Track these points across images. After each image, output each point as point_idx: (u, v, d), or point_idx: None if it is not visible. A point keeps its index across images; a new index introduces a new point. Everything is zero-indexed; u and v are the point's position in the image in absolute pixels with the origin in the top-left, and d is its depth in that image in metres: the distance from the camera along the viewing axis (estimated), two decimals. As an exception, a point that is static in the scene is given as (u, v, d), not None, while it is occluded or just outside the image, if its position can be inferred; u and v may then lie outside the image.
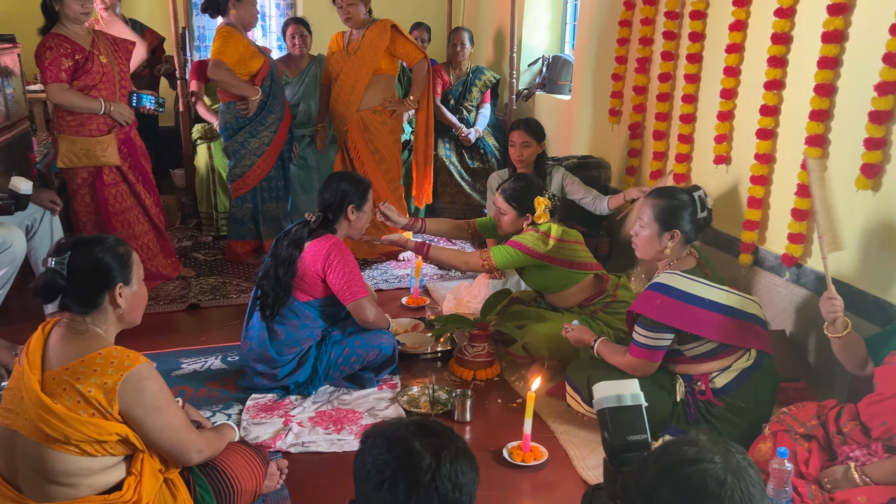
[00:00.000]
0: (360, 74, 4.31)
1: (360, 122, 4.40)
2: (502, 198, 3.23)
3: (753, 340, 2.52)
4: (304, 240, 2.94)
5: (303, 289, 2.94)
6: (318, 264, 2.89)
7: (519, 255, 3.13)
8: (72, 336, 1.82)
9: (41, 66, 3.47)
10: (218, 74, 4.01)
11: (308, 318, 2.97)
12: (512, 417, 2.86)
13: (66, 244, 1.84)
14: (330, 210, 2.98)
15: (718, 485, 1.06)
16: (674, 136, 3.83)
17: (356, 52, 4.29)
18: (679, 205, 2.58)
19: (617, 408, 1.35)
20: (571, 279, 3.20)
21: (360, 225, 3.07)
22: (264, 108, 4.20)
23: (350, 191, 2.98)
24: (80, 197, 3.72)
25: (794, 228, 3.02)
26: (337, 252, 2.90)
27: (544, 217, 3.17)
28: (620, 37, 4.25)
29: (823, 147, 2.90)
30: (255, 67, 4.12)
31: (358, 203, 3.01)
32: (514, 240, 3.16)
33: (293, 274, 2.90)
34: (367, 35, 4.27)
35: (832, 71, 2.83)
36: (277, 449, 2.59)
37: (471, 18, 6.56)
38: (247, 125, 4.20)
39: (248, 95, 4.10)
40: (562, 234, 3.15)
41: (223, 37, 4.02)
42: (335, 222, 3.00)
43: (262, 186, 4.35)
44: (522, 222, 3.21)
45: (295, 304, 2.95)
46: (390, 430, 1.20)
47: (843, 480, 2.10)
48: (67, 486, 1.78)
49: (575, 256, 3.17)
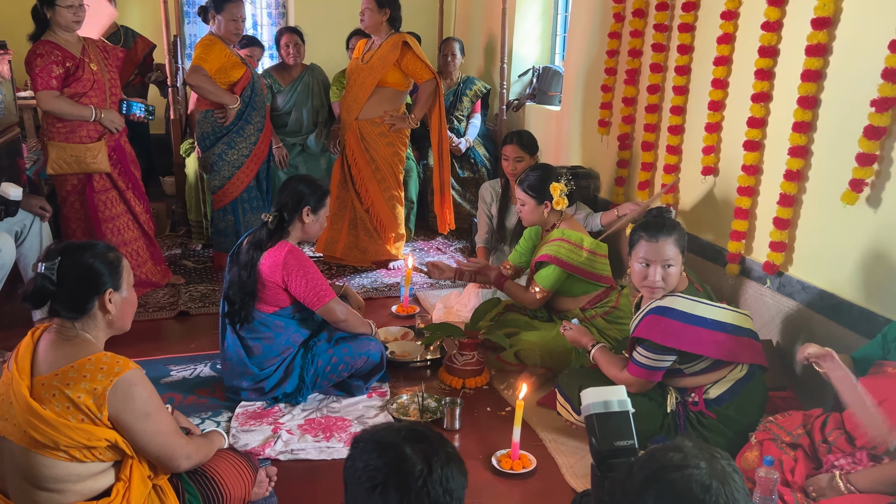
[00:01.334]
0: (364, 84, 4.33)
1: (357, 131, 4.41)
2: (520, 188, 3.31)
3: (751, 355, 2.53)
4: (264, 241, 2.92)
5: (266, 300, 2.91)
6: (277, 275, 2.86)
7: (559, 271, 3.16)
8: (61, 342, 1.82)
9: (32, 74, 3.47)
10: (196, 80, 4.00)
11: (280, 328, 2.95)
12: (501, 426, 2.87)
13: (56, 250, 1.84)
14: (286, 210, 2.95)
15: (703, 490, 1.07)
16: (662, 147, 3.87)
17: (368, 62, 4.31)
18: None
19: (604, 414, 1.36)
20: (588, 289, 3.24)
21: (314, 229, 3.03)
22: (242, 117, 4.16)
23: (307, 193, 2.96)
24: (69, 203, 3.71)
25: (776, 237, 3.05)
26: (293, 259, 2.87)
27: (562, 203, 3.26)
28: (610, 48, 4.29)
29: (806, 159, 2.94)
30: (235, 77, 4.09)
31: (314, 206, 2.97)
32: (548, 254, 3.18)
33: (255, 277, 2.89)
34: (383, 47, 4.30)
35: (815, 84, 2.87)
36: (266, 456, 2.59)
37: (462, 29, 6.60)
38: (224, 136, 4.16)
39: (226, 104, 4.08)
40: (595, 248, 3.19)
41: (205, 45, 4.03)
42: (290, 223, 2.96)
43: (243, 198, 4.30)
44: (542, 210, 3.29)
45: (263, 317, 2.92)
46: (381, 435, 1.21)
47: (828, 489, 2.11)
48: (56, 493, 1.77)
49: (602, 270, 3.22)
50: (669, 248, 2.49)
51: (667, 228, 2.52)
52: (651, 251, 2.50)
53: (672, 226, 2.55)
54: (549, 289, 3.20)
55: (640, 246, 2.53)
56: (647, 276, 2.51)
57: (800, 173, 2.96)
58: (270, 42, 6.37)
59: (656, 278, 2.49)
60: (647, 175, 3.99)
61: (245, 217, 4.33)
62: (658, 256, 2.49)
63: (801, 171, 2.96)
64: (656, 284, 2.50)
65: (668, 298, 2.51)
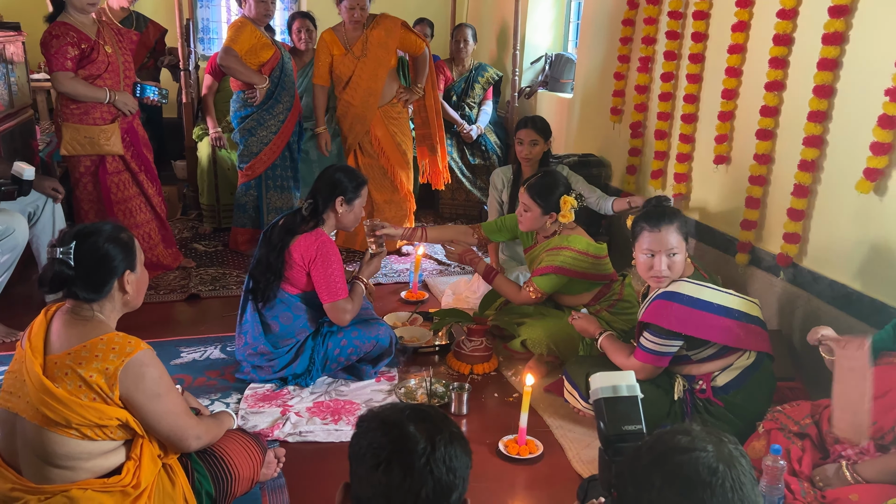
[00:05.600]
0: (376, 75, 4.32)
1: (382, 119, 4.41)
2: (528, 194, 3.12)
3: (757, 342, 2.53)
4: (297, 226, 2.94)
5: (290, 281, 2.94)
6: (306, 259, 2.89)
7: (564, 278, 3.11)
8: (75, 321, 1.84)
9: (47, 55, 3.49)
10: (227, 61, 4.10)
11: (300, 310, 2.98)
12: (508, 411, 2.88)
13: (71, 233, 1.85)
14: (320, 197, 2.96)
15: (710, 473, 1.07)
16: (675, 135, 3.85)
17: (366, 54, 4.28)
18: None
19: (613, 398, 1.37)
20: (590, 287, 3.21)
21: (349, 220, 3.02)
22: (272, 97, 4.25)
23: (344, 181, 2.96)
24: (82, 185, 3.74)
25: (790, 228, 3.04)
26: (324, 251, 2.89)
27: (569, 217, 3.10)
28: (623, 36, 4.27)
29: (821, 148, 2.92)
30: (265, 57, 4.18)
31: (349, 197, 2.97)
32: (553, 266, 3.08)
33: (283, 260, 2.91)
34: (373, 34, 4.26)
35: (832, 73, 2.84)
36: (275, 438, 2.61)
37: (474, 15, 6.57)
38: (254, 112, 4.26)
39: (255, 83, 4.17)
40: (597, 252, 3.12)
41: (236, 27, 4.13)
42: (324, 212, 2.97)
43: (268, 175, 4.41)
44: (546, 220, 3.14)
45: (286, 296, 2.95)
46: (386, 414, 1.22)
47: (834, 478, 2.11)
48: (67, 469, 1.79)
49: (605, 269, 3.18)
50: (672, 237, 2.49)
51: (668, 217, 2.52)
52: (654, 241, 2.50)
53: (673, 214, 2.55)
54: (546, 292, 3.14)
55: (643, 237, 2.53)
56: (653, 266, 2.51)
57: (814, 163, 2.94)
58: (283, 27, 6.36)
59: (662, 268, 2.49)
60: (660, 164, 3.98)
61: (268, 193, 4.43)
62: (662, 246, 2.49)
63: (815, 160, 2.94)
64: (662, 274, 2.50)
65: (675, 283, 2.51)
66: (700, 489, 1.06)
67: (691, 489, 1.06)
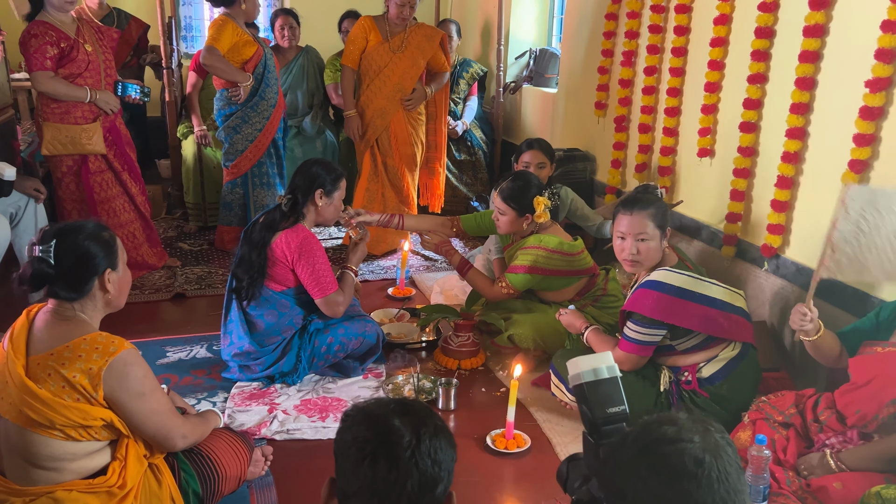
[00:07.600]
0: (409, 74, 4.32)
1: (404, 117, 4.40)
2: (500, 198, 3.15)
3: (741, 332, 2.56)
4: (277, 223, 2.93)
5: (275, 278, 2.93)
6: (289, 256, 2.89)
7: (537, 277, 3.12)
8: (57, 321, 1.83)
9: (26, 54, 3.45)
10: (210, 60, 4.06)
11: (285, 307, 2.96)
12: (495, 406, 2.88)
13: (51, 232, 1.84)
14: (300, 192, 2.95)
15: (696, 464, 1.07)
16: (659, 129, 3.86)
17: (403, 51, 4.27)
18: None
19: (595, 381, 1.37)
20: (569, 282, 3.22)
21: (329, 213, 3.02)
22: (256, 94, 4.22)
23: (322, 174, 2.96)
24: (65, 185, 3.70)
25: (774, 219, 3.06)
26: (307, 247, 2.88)
27: (544, 217, 3.12)
28: (607, 30, 4.28)
29: (804, 140, 2.94)
30: (247, 55, 4.14)
31: (328, 189, 2.96)
32: (526, 265, 3.10)
33: (265, 257, 2.90)
34: (415, 36, 4.28)
35: (813, 65, 2.86)
36: (262, 436, 2.61)
37: (458, 11, 6.56)
38: (238, 110, 4.24)
39: (239, 81, 4.14)
40: (570, 249, 3.12)
41: (217, 25, 4.08)
42: (304, 206, 2.96)
43: (254, 172, 4.38)
44: (522, 222, 3.16)
45: (270, 294, 2.94)
46: (371, 408, 1.23)
47: (819, 467, 2.14)
48: (52, 471, 1.78)
49: (581, 265, 3.17)
50: (644, 223, 2.55)
51: (642, 203, 2.60)
52: (626, 224, 2.58)
53: (648, 201, 2.61)
54: (519, 289, 3.16)
55: (618, 220, 2.62)
56: (624, 249, 2.59)
57: (797, 155, 2.96)
58: (266, 24, 6.33)
59: (631, 251, 2.57)
60: (644, 157, 3.99)
61: (255, 191, 4.41)
62: (632, 229, 2.57)
63: (798, 152, 2.95)
64: (630, 257, 2.58)
65: (659, 272, 2.54)
66: (686, 480, 1.06)
67: (677, 480, 1.07)
